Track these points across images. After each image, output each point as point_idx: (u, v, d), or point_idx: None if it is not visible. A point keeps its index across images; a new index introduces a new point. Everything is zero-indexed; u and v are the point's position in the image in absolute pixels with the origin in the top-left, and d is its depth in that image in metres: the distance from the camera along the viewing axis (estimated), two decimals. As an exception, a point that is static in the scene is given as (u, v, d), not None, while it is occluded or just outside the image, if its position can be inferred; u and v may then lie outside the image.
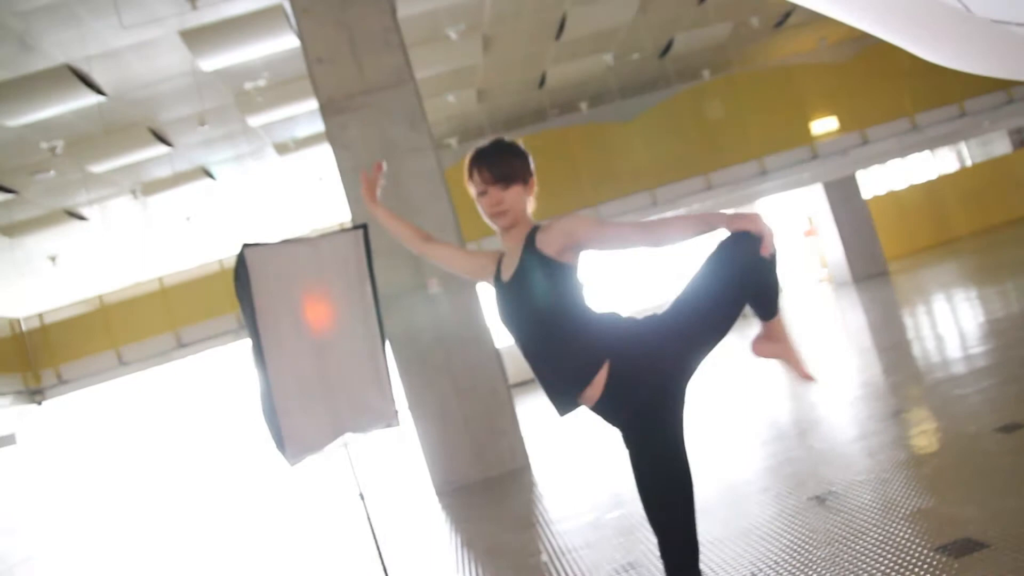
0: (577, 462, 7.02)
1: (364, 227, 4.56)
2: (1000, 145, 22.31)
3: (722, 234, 2.28)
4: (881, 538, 3.55)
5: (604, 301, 2.60)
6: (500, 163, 2.45)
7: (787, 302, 17.06)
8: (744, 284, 2.31)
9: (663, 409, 2.38)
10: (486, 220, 2.53)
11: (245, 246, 4.12)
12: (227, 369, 19.74)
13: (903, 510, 3.80)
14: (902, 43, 2.14)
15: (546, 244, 2.37)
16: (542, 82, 14.19)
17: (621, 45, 13.44)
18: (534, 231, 2.43)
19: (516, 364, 14.60)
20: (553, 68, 13.59)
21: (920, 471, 4.35)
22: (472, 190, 2.50)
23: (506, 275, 2.46)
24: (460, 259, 2.69)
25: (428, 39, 10.71)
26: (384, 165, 2.82)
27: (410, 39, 9.13)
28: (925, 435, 5.11)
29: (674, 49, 14.37)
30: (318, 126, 11.77)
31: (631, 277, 16.87)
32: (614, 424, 2.43)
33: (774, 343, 2.57)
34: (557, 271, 2.34)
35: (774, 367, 9.25)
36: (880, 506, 3.93)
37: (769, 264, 2.28)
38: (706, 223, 2.27)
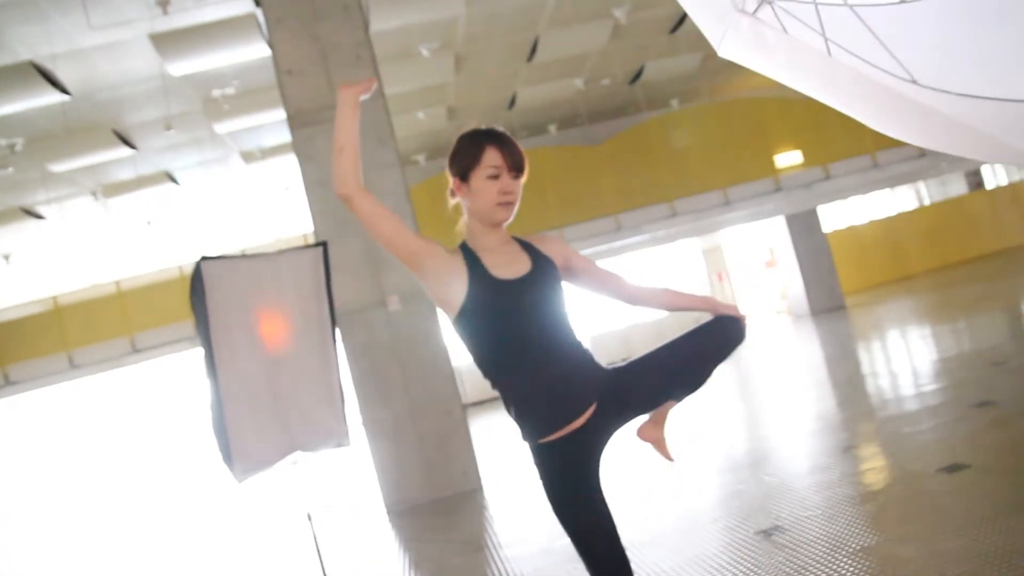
0: (529, 486, 7.01)
1: (324, 244, 4.54)
2: (957, 186, 22.85)
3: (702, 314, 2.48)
4: (823, 574, 3.58)
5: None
6: (518, 152, 2.31)
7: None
8: (710, 365, 2.45)
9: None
10: (482, 206, 2.28)
11: (203, 259, 4.08)
12: (181, 377, 19.45)
13: (848, 547, 3.85)
14: (847, 110, 2.19)
15: (553, 254, 2.35)
16: (512, 103, 14.27)
17: (592, 70, 13.57)
18: (524, 239, 2.38)
19: (473, 384, 14.60)
20: (524, 89, 13.68)
21: (866, 508, 4.41)
22: (475, 170, 2.27)
23: (509, 274, 2.23)
24: (407, 234, 2.23)
25: (400, 55, 10.73)
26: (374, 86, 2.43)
27: (382, 55, 9.15)
28: (873, 472, 5.19)
29: (644, 76, 14.53)
30: (285, 136, 11.72)
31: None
32: (577, 453, 2.29)
33: (659, 428, 2.56)
34: (560, 284, 2.34)
35: (730, 395, 9.35)
36: (826, 542, 3.98)
37: (726, 356, 2.45)
38: (688, 303, 2.53)
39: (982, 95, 1.73)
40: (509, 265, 2.26)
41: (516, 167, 2.29)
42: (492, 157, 2.26)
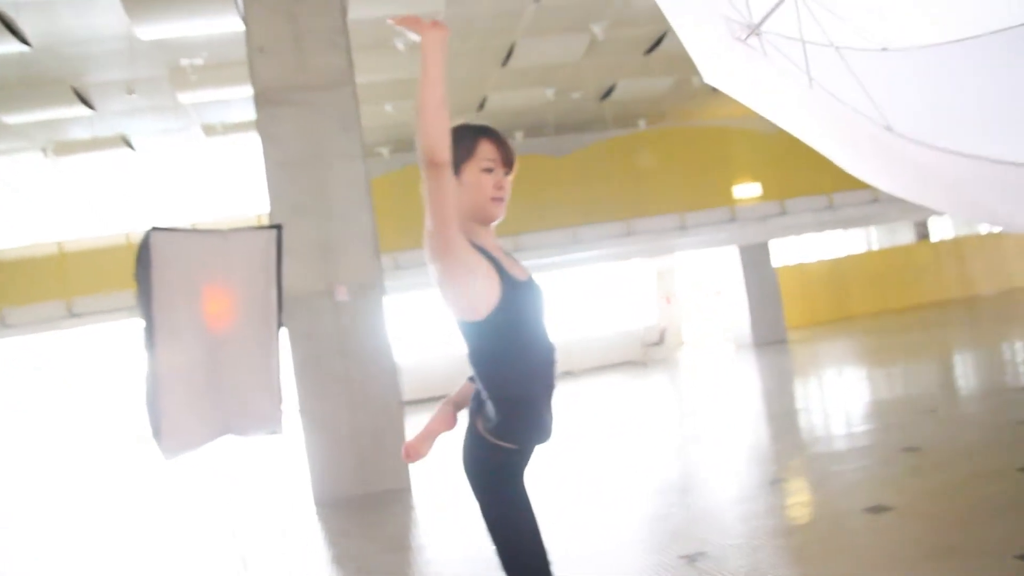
0: (460, 490, 6.98)
1: (279, 228, 4.47)
2: (904, 234, 23.43)
3: None
4: (742, 605, 3.62)
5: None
6: (511, 149, 2.27)
7: (691, 360, 17.44)
8: None
9: None
10: (476, 201, 2.21)
11: (153, 229, 3.99)
12: (118, 346, 18.98)
13: (766, 579, 3.90)
14: (822, 147, 2.23)
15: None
16: (482, 106, 14.24)
17: (564, 82, 13.62)
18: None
19: (412, 382, 14.52)
20: (495, 94, 13.67)
21: (790, 542, 4.48)
22: (469, 163, 2.22)
23: (521, 275, 2.22)
24: (456, 221, 2.08)
25: (374, 45, 10.63)
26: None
27: (356, 42, 9.05)
28: (799, 506, 5.27)
29: (615, 94, 14.63)
30: (250, 114, 11.54)
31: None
32: (525, 463, 2.29)
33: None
34: None
35: (666, 420, 9.43)
36: (747, 573, 4.02)
37: None
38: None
39: (958, 151, 1.77)
40: (514, 266, 2.24)
41: (508, 163, 2.27)
42: (487, 151, 2.23)
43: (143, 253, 3.93)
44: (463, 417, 2.36)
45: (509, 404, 2.15)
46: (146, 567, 5.96)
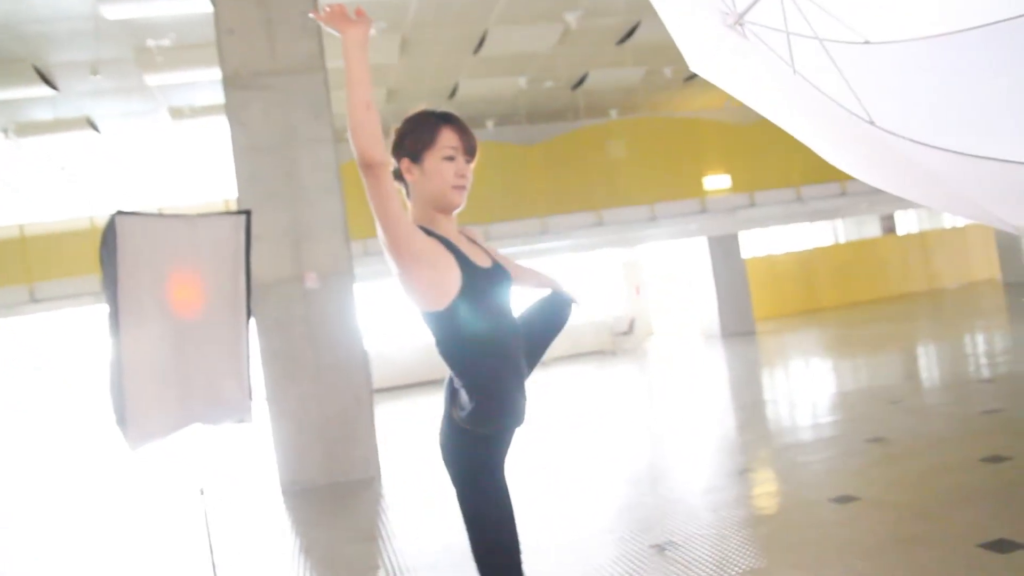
0: (430, 480, 6.95)
1: (248, 213, 4.40)
2: (871, 228, 23.73)
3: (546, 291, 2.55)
4: (711, 595, 3.64)
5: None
6: (472, 136, 2.26)
7: (660, 350, 17.52)
8: (549, 343, 2.48)
9: None
10: (437, 189, 2.19)
11: (118, 213, 3.90)
12: (82, 332, 18.67)
13: (735, 569, 3.92)
14: (804, 138, 2.22)
15: (486, 250, 2.35)
16: (453, 92, 14.17)
17: (536, 71, 13.58)
18: (460, 230, 2.34)
19: (382, 370, 14.45)
20: (466, 81, 13.60)
21: (757, 531, 4.51)
22: (431, 150, 2.20)
23: (483, 262, 2.22)
24: (406, 216, 2.09)
25: (346, 30, 10.51)
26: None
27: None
28: (767, 496, 5.31)
29: (587, 83, 14.62)
30: (218, 97, 11.36)
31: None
32: (504, 450, 2.28)
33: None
34: None
35: (636, 410, 9.46)
36: (715, 562, 4.04)
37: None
38: (548, 283, 2.57)
39: (941, 146, 1.77)
40: (476, 254, 2.23)
41: (470, 151, 2.25)
42: (449, 138, 2.21)
43: (108, 237, 3.85)
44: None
45: (481, 390, 2.14)
46: (111, 557, 5.88)
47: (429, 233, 2.17)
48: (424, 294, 2.14)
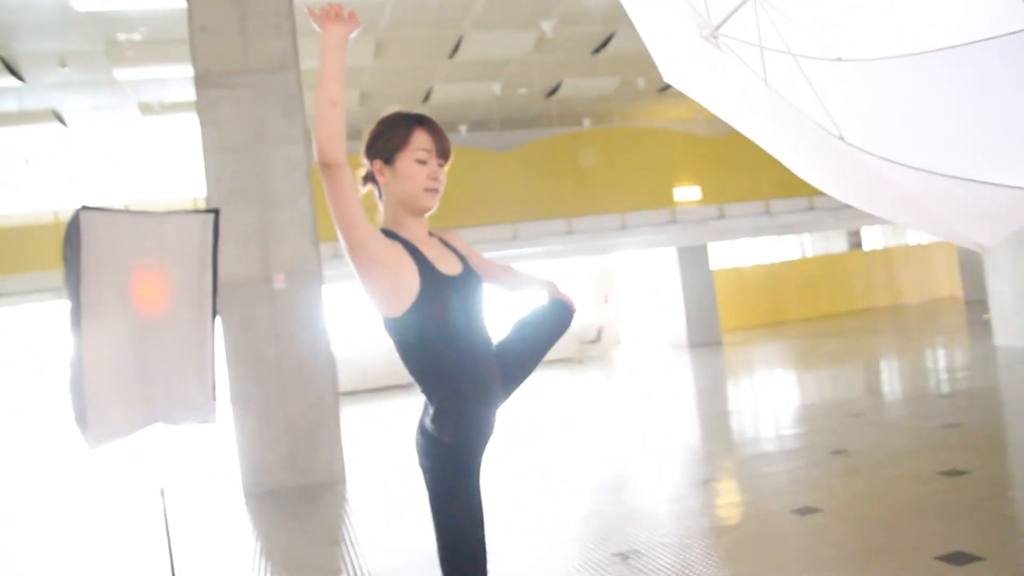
0: (396, 484, 6.92)
1: (216, 212, 4.35)
2: (838, 243, 24.06)
3: (542, 296, 2.49)
4: (673, 604, 3.66)
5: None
6: (446, 138, 2.23)
7: (627, 359, 17.58)
8: (546, 350, 2.44)
9: None
10: (409, 191, 2.16)
11: (83, 208, 3.83)
12: (43, 328, 18.35)
13: (697, 578, 3.94)
14: (775, 151, 2.25)
15: (462, 252, 2.32)
16: (427, 96, 14.15)
17: (511, 77, 13.61)
18: (435, 233, 2.31)
19: (351, 372, 14.36)
20: (440, 85, 13.59)
21: (720, 541, 4.54)
22: (403, 152, 2.17)
23: (450, 269, 2.18)
24: (365, 218, 2.05)
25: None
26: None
27: (302, 26, 8.89)
28: (730, 507, 5.35)
29: (561, 92, 14.67)
30: (189, 94, 11.25)
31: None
32: (476, 459, 2.24)
33: None
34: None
35: (601, 418, 9.48)
36: (678, 571, 4.06)
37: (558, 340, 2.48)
38: (529, 284, 2.51)
39: (910, 164, 1.80)
40: (445, 260, 2.20)
41: (443, 154, 2.22)
42: (422, 140, 2.18)
43: (72, 233, 3.78)
44: None
45: (439, 400, 2.13)
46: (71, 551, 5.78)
47: (394, 237, 2.14)
48: (381, 299, 2.12)
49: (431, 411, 2.14)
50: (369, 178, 2.27)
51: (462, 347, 2.13)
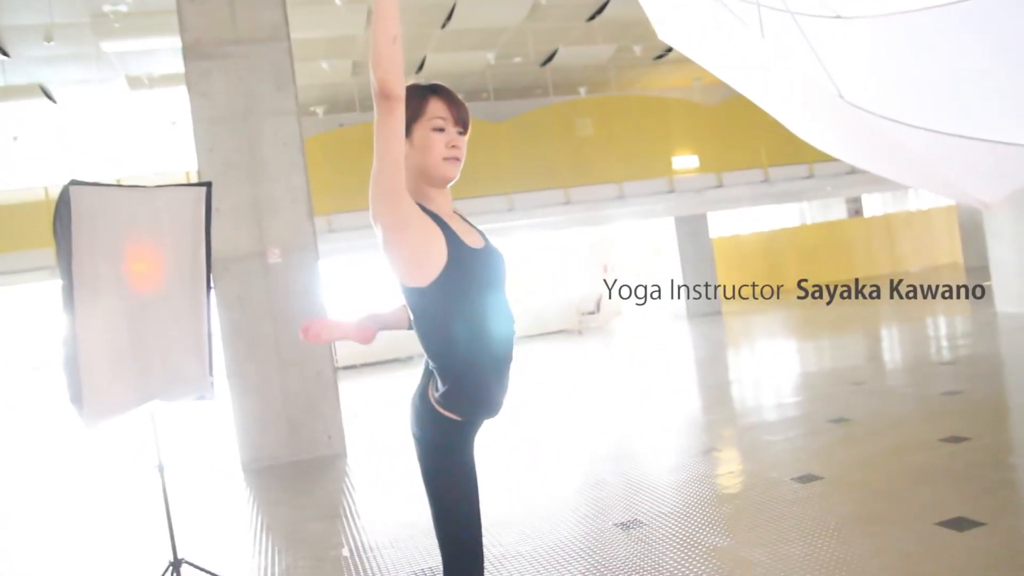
0: (395, 457, 6.91)
1: (208, 185, 4.28)
2: (837, 210, 23.96)
3: None
4: (675, 572, 3.64)
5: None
6: (463, 106, 2.18)
7: (626, 329, 17.58)
8: None
9: None
10: (429, 161, 2.11)
11: (72, 183, 3.76)
12: (38, 308, 18.29)
13: (700, 547, 3.93)
14: (776, 114, 2.19)
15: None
16: (420, 67, 13.99)
17: (505, 46, 13.45)
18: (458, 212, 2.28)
19: (348, 347, 14.33)
20: (434, 55, 13.44)
21: (721, 510, 4.53)
22: (419, 122, 2.11)
23: (474, 243, 2.14)
24: (403, 167, 1.97)
25: (311, 0, 10.32)
26: None
27: (292, -4, 8.77)
28: (731, 476, 5.34)
29: (556, 60, 14.52)
30: (178, 66, 11.10)
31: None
32: (474, 433, 2.24)
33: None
34: None
35: (602, 390, 9.48)
36: (680, 540, 4.05)
37: None
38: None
39: (907, 121, 1.74)
40: (469, 233, 2.15)
41: (461, 122, 2.17)
42: (437, 108, 2.13)
43: (62, 208, 3.72)
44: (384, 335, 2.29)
45: (454, 375, 2.08)
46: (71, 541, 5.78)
47: (424, 209, 2.09)
48: (406, 267, 2.05)
49: (442, 386, 2.08)
50: None
51: (483, 322, 2.09)
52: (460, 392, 2.07)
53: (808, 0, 2.01)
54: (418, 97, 2.13)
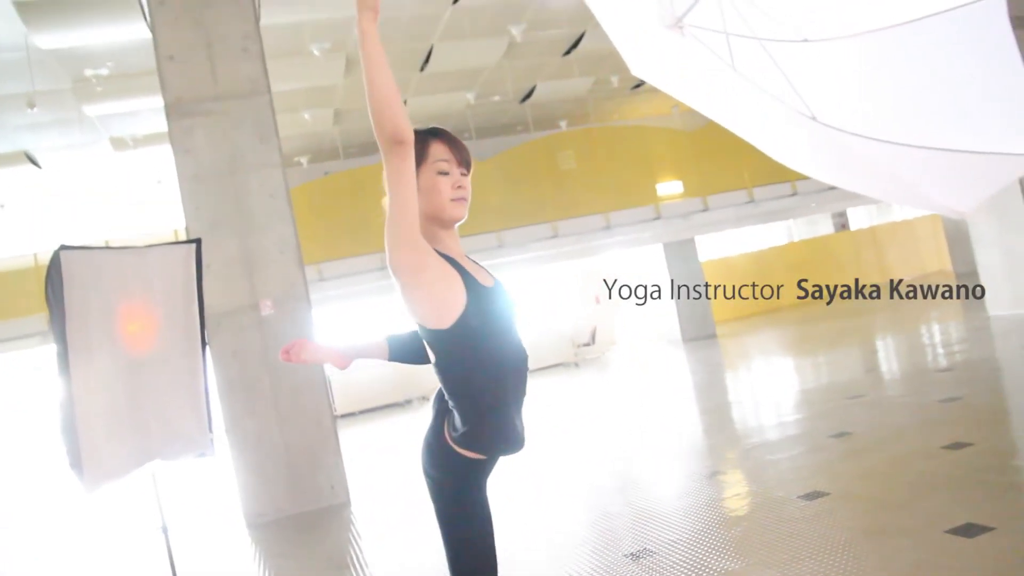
0: (401, 504, 6.86)
1: (197, 242, 4.31)
2: (824, 226, 24.11)
3: None
4: (688, 601, 3.63)
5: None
6: (464, 147, 2.23)
7: (624, 359, 17.55)
8: None
9: None
10: (436, 204, 2.13)
11: (62, 248, 3.79)
12: (33, 376, 18.18)
13: (712, 572, 3.91)
14: (753, 140, 2.23)
15: None
16: (402, 111, 14.10)
17: (484, 85, 13.60)
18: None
19: (346, 394, 14.28)
20: (414, 99, 13.57)
21: (730, 533, 4.51)
22: (423, 166, 2.14)
23: (486, 280, 2.17)
24: (415, 202, 1.97)
25: (290, 52, 10.43)
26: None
27: (271, 50, 8.86)
28: (737, 498, 5.32)
29: (535, 96, 14.67)
30: (161, 126, 11.18)
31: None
32: (491, 471, 2.24)
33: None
34: None
35: (601, 418, 9.45)
36: (691, 566, 4.03)
37: None
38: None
39: (879, 137, 1.78)
40: (479, 272, 2.18)
41: (464, 163, 2.21)
42: (440, 151, 2.17)
43: (53, 274, 3.74)
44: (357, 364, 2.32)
45: (477, 414, 2.08)
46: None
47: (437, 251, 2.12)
48: (428, 309, 2.05)
49: (462, 425, 2.08)
50: None
51: (503, 359, 2.11)
52: (484, 430, 2.08)
53: (775, 26, 2.06)
54: (420, 142, 2.15)
